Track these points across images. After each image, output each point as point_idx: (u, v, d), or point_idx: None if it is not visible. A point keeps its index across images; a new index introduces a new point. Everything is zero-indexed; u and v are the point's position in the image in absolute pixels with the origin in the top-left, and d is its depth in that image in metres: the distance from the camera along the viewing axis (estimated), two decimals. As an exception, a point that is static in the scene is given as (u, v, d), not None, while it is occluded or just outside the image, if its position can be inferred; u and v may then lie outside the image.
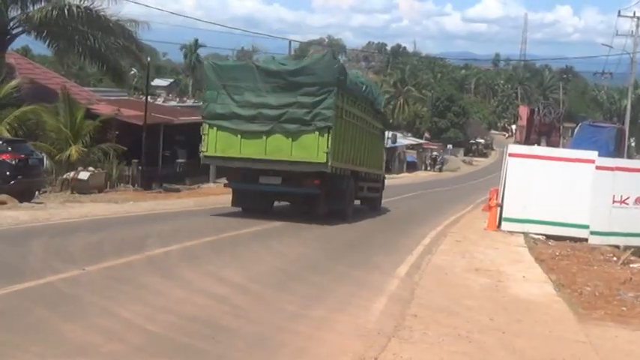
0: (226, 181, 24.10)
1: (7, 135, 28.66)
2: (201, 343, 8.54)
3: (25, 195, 24.23)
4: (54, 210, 21.92)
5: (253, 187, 22.59)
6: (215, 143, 21.99)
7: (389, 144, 43.59)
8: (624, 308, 12.62)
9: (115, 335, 8.50)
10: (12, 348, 7.74)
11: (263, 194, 23.09)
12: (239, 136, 21.74)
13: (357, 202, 26.74)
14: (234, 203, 23.37)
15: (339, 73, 22.05)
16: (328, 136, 21.24)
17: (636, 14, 53.83)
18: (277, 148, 21.46)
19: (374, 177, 28.49)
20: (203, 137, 22.21)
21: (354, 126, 24.23)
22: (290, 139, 21.42)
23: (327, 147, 21.21)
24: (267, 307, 10.68)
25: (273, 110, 21.48)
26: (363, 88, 25.85)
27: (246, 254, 15.78)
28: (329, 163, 21.33)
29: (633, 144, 77.21)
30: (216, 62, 23.88)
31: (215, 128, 21.94)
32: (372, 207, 28.72)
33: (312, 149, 21.27)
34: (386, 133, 33.91)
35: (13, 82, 32.01)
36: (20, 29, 34.50)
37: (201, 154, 22.79)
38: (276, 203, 25.21)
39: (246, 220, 21.64)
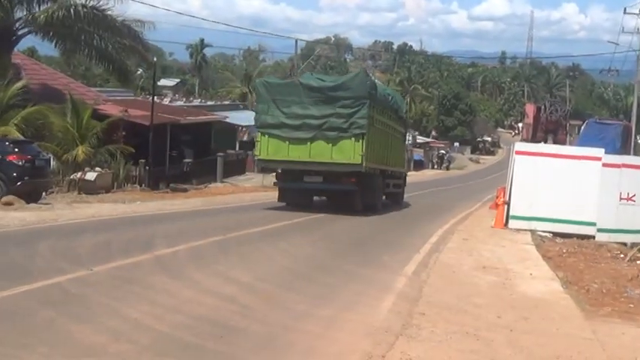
0: (275, 180, 27.60)
1: (18, 135, 28.69)
2: (209, 342, 8.54)
3: (32, 196, 24.27)
4: (61, 211, 21.96)
5: (298, 185, 26.16)
6: (267, 148, 25.45)
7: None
8: (631, 305, 12.60)
9: (122, 335, 8.50)
10: (19, 349, 7.74)
11: (306, 191, 26.75)
12: (287, 142, 25.09)
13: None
14: (280, 199, 27.08)
15: (370, 88, 25.67)
16: (362, 142, 24.66)
17: (642, 12, 53.67)
18: (319, 152, 24.84)
19: (398, 174, 32.24)
20: (256, 143, 26.27)
21: (382, 131, 27.85)
22: (330, 144, 24.83)
23: (362, 150, 24.62)
24: (275, 306, 10.68)
25: (315, 120, 24.87)
26: (389, 98, 30.15)
27: (254, 253, 15.79)
28: (364, 164, 24.74)
29: (640, 141, 77.09)
30: (266, 80, 28.16)
31: (267, 136, 25.43)
32: (396, 201, 31.72)
33: (349, 152, 24.70)
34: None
35: (20, 84, 32.01)
36: (26, 30, 34.51)
37: (255, 158, 27.73)
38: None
39: (254, 219, 21.70)
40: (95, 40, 35.52)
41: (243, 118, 57.25)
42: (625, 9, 54.40)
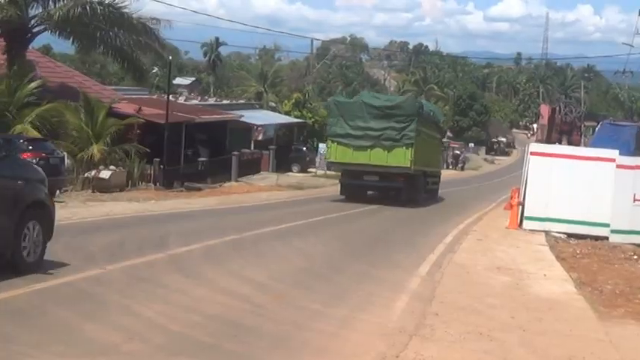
0: (341, 178, 33.89)
1: (35, 133, 28.77)
2: (222, 342, 8.55)
3: (46, 194, 24.30)
4: (75, 209, 22.01)
5: (358, 182, 32.33)
6: (335, 153, 31.73)
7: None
8: (645, 307, 12.57)
9: (136, 334, 8.52)
10: (32, 347, 7.76)
11: (364, 187, 32.90)
12: (351, 148, 31.15)
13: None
14: (342, 193, 33.08)
15: (418, 108, 32.38)
16: (411, 150, 30.63)
17: (656, 14, 53.49)
18: (377, 157, 30.90)
19: (435, 174, 38.07)
20: (327, 149, 33.37)
21: (425, 140, 33.48)
22: (386, 151, 30.82)
23: (411, 157, 30.58)
24: (289, 305, 10.70)
25: (374, 132, 30.73)
26: (431, 113, 36.46)
27: (268, 253, 15.81)
28: (412, 167, 30.81)
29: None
30: (336, 99, 35.81)
31: (336, 143, 31.59)
32: (432, 196, 36.62)
33: (400, 158, 30.63)
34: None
35: (35, 83, 32.05)
36: (41, 27, 34.55)
37: (326, 160, 36.81)
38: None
39: (268, 218, 21.76)
40: (111, 37, 35.55)
41: (259, 117, 57.35)
42: (639, 11, 54.13)
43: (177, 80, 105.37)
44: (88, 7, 32.64)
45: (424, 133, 32.96)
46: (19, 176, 11.36)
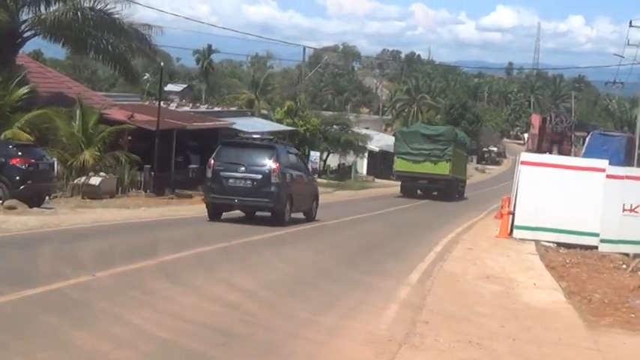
0: (402, 182, 48.91)
1: (29, 138, 28.69)
2: (212, 349, 8.51)
3: (35, 200, 24.23)
4: (64, 215, 21.96)
5: (413, 184, 47.99)
6: (400, 165, 47.46)
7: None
8: (633, 315, 12.62)
9: (124, 342, 8.48)
10: (20, 354, 7.72)
11: (416, 187, 48.26)
12: (411, 162, 46.38)
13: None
14: (402, 192, 48.51)
15: (454, 135, 48.33)
16: (449, 163, 45.96)
17: (647, 25, 53.64)
18: (427, 168, 45.92)
19: (463, 180, 53.13)
20: (395, 162, 49.28)
21: (457, 157, 48.65)
22: (433, 164, 45.83)
23: (449, 168, 46.03)
24: (278, 313, 10.68)
25: (425, 151, 46.03)
26: (462, 139, 52.55)
27: (258, 261, 15.79)
28: (449, 175, 46.25)
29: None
30: (401, 130, 54.37)
31: (400, 159, 47.39)
32: (461, 194, 51.09)
33: (442, 169, 45.93)
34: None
35: (26, 88, 31.94)
36: (32, 32, 34.45)
37: (394, 170, 51.14)
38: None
39: (259, 226, 21.69)
40: (102, 43, 35.48)
41: (250, 124, 57.19)
42: (631, 22, 54.26)
43: (169, 87, 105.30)
44: (79, 13, 32.58)
45: (457, 152, 48.20)
46: None
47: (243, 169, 22.46)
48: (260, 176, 22.34)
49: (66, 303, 10.20)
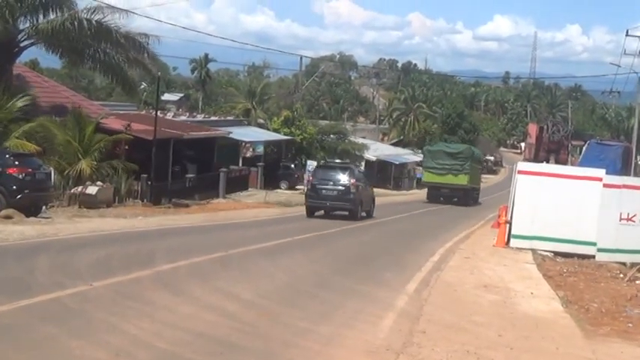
0: (428, 190, 58.09)
1: (36, 148, 28.70)
2: (209, 359, 8.52)
3: (31, 209, 24.21)
4: (61, 225, 21.94)
5: (438, 192, 56.20)
6: (428, 177, 57.26)
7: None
8: (630, 324, 12.63)
9: (122, 351, 8.48)
10: (19, 363, 7.73)
11: (440, 195, 55.95)
12: (436, 174, 55.66)
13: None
14: (428, 199, 56.66)
15: (471, 153, 57.61)
16: (468, 176, 54.95)
17: (644, 34, 53.76)
18: (449, 179, 54.85)
19: (477, 189, 61.22)
20: (423, 174, 60.89)
21: (474, 169, 57.88)
22: (454, 176, 54.67)
23: (467, 179, 54.97)
24: (275, 323, 10.68)
25: (448, 166, 54.81)
26: (478, 155, 63.24)
27: (255, 270, 15.79)
28: (467, 185, 55.45)
29: (640, 162, 77.35)
30: (429, 148, 60.98)
31: (427, 171, 57.13)
32: (475, 201, 58.32)
33: (461, 180, 54.82)
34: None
35: (25, 98, 31.90)
36: (29, 42, 34.45)
37: (422, 181, 62.96)
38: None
39: (256, 236, 21.73)
40: (99, 52, 35.49)
41: (247, 134, 57.34)
42: (627, 31, 54.24)
43: (166, 96, 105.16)
44: (75, 23, 32.58)
45: (473, 167, 57.78)
46: None
47: (332, 183, 32.85)
48: (343, 188, 32.65)
49: (64, 313, 10.21)
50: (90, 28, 33.08)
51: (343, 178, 33.11)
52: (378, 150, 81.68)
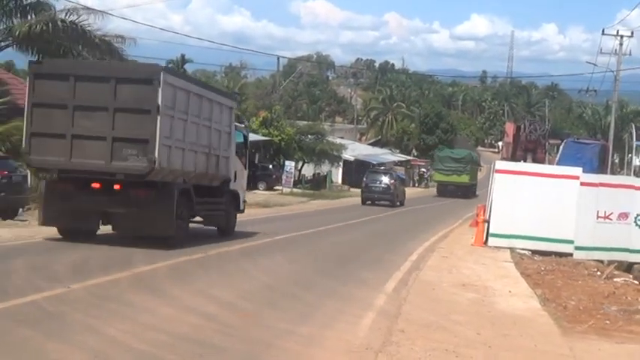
0: (437, 187, 75.16)
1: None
2: (188, 361, 8.50)
3: (8, 212, 24.05)
4: (38, 227, 21.75)
5: (445, 189, 71.81)
6: (437, 177, 75.45)
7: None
8: (608, 322, 12.71)
9: (100, 354, 8.44)
10: (-4, 367, 7.69)
11: (448, 190, 70.99)
12: (443, 174, 72.90)
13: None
14: (438, 194, 72.65)
15: (471, 158, 76.37)
16: (468, 175, 72.46)
17: (619, 33, 54.15)
18: (454, 178, 71.81)
19: (475, 184, 74.63)
20: (434, 174, 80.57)
21: (472, 170, 74.90)
22: (458, 176, 71.68)
23: (468, 178, 72.47)
24: (255, 324, 10.67)
25: (453, 167, 71.96)
26: (475, 158, 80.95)
27: (235, 271, 15.77)
28: (468, 182, 72.55)
29: (617, 160, 77.80)
30: (439, 154, 78.60)
31: (437, 172, 75.53)
32: (473, 194, 70.72)
33: (464, 179, 71.95)
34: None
35: (2, 100, 31.65)
36: (5, 43, 34.20)
37: (432, 180, 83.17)
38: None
39: (234, 237, 21.66)
40: (74, 55, 35.24)
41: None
42: (603, 30, 54.77)
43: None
44: (50, 24, 32.36)
45: (472, 168, 73.67)
46: None
47: (378, 182, 49.49)
48: (385, 186, 49.20)
49: (41, 315, 10.15)
50: (65, 30, 32.86)
51: (385, 179, 50.17)
52: (356, 150, 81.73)
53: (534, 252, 22.93)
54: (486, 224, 24.13)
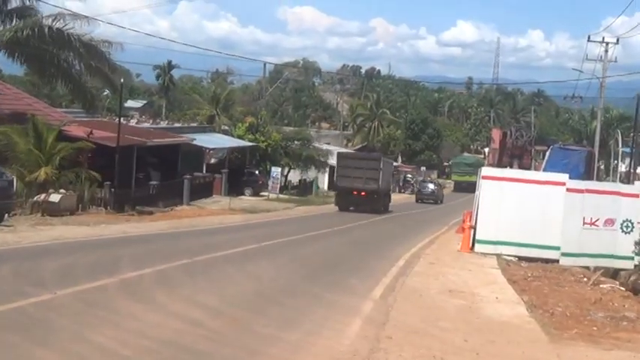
0: (454, 185, 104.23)
1: None
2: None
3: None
4: (24, 233, 21.72)
5: (461, 186, 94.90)
6: (454, 177, 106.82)
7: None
8: (595, 328, 12.71)
9: None
10: (-18, 373, 7.64)
11: (463, 188, 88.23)
12: (459, 176, 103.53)
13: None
14: (454, 190, 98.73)
15: (479, 162, 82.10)
16: (475, 176, 53.40)
17: (605, 40, 54.41)
18: (466, 178, 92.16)
19: (474, 184, 76.55)
20: (453, 176, 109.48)
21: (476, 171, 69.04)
22: (469, 176, 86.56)
23: (476, 177, 55.68)
24: (242, 330, 10.63)
25: (466, 170, 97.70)
26: (482, 162, 78.00)
27: (221, 277, 15.72)
28: (475, 180, 56.41)
29: (602, 167, 78.04)
30: (455, 161, 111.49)
31: (455, 174, 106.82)
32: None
33: (474, 178, 47.04)
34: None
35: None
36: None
37: (452, 180, 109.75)
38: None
39: (221, 242, 21.66)
40: (60, 60, 35.17)
41: (211, 140, 57.08)
42: (589, 37, 55.01)
43: (129, 103, 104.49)
44: (36, 29, 32.28)
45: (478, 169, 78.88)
46: None
47: (426, 187, 76.40)
48: (431, 190, 74.64)
49: (27, 321, 10.10)
50: (51, 36, 32.79)
51: (431, 185, 76.30)
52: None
53: (521, 258, 22.95)
54: (473, 230, 24.14)
